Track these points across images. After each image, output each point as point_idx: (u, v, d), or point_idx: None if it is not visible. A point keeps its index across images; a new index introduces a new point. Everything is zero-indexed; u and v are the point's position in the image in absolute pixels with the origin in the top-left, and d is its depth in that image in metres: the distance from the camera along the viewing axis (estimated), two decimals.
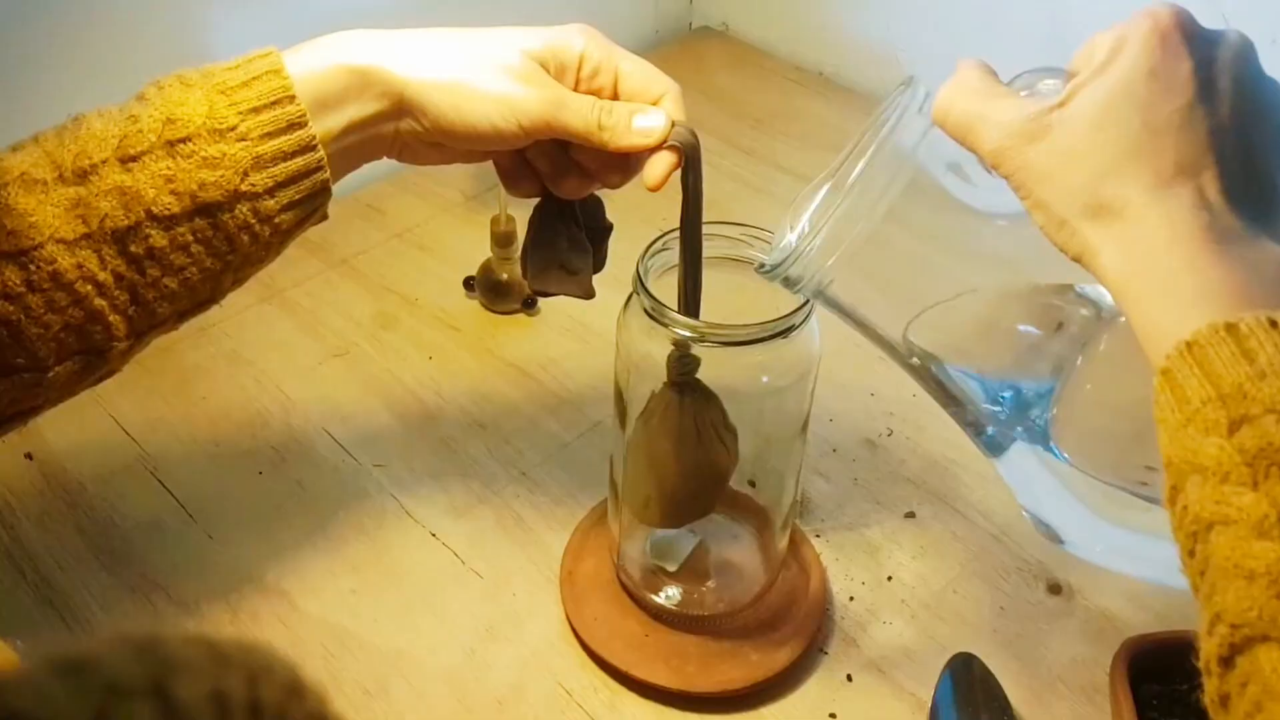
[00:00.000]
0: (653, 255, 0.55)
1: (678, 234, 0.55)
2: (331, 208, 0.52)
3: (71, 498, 0.68)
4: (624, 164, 0.54)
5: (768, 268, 0.50)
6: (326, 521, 0.68)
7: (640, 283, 0.53)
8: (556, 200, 0.56)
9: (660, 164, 0.51)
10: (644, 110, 0.52)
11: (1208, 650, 0.34)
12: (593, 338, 0.81)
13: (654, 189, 0.52)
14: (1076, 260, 0.41)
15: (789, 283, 0.49)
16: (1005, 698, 0.58)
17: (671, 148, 0.51)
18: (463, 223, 0.92)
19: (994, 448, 0.52)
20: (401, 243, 0.90)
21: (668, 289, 0.54)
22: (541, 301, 0.83)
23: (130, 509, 0.68)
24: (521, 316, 0.83)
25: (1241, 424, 0.34)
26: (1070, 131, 0.40)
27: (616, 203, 0.59)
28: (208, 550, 0.66)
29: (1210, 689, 0.34)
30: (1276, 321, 0.35)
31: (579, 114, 0.51)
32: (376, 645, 0.61)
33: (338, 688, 0.59)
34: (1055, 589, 0.66)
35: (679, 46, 1.18)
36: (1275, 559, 0.32)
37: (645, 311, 0.53)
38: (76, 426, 0.72)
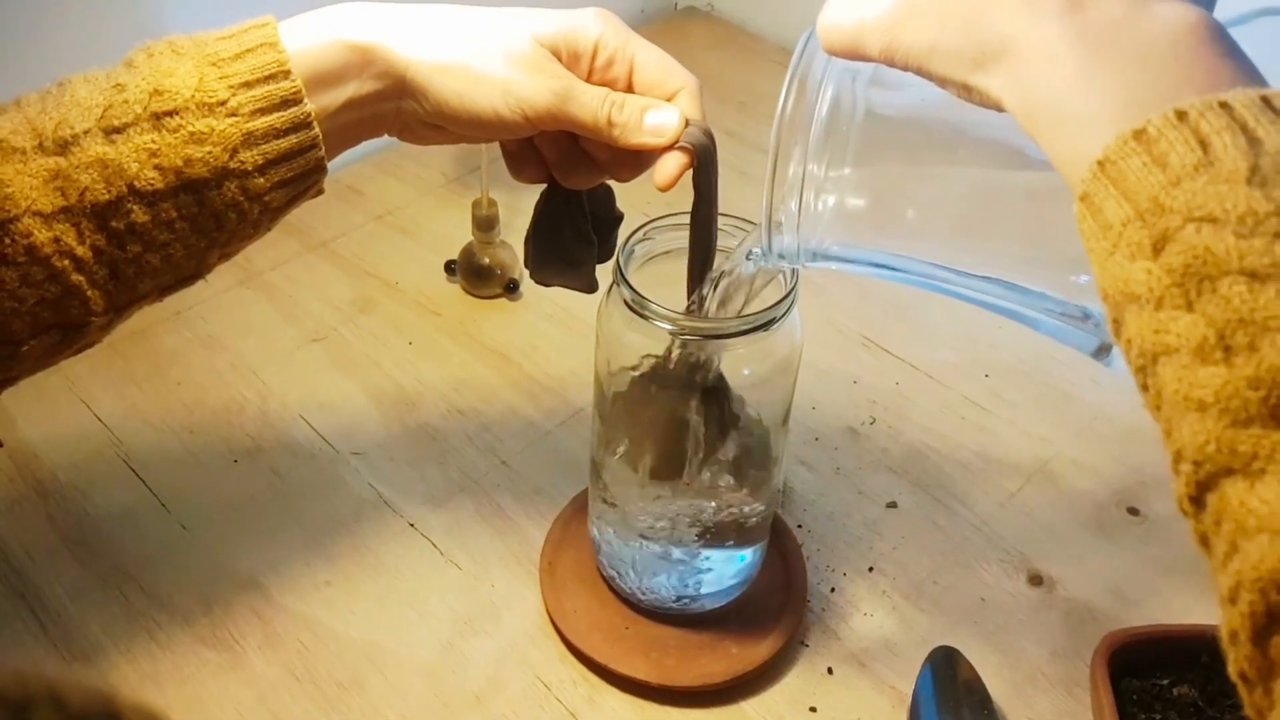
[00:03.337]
0: (635, 244, 0.54)
1: (661, 223, 0.54)
2: None
3: (43, 487, 0.67)
4: (635, 159, 0.52)
5: (757, 254, 0.49)
6: (302, 511, 0.67)
7: (620, 274, 0.52)
8: (563, 188, 0.54)
9: (671, 164, 0.50)
10: (657, 106, 0.50)
11: (1177, 492, 0.32)
12: (575, 323, 0.80)
13: (663, 189, 0.50)
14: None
15: (786, 259, 0.48)
16: (985, 691, 0.58)
17: (683, 148, 0.50)
18: (444, 205, 0.91)
19: (1100, 352, 0.50)
20: (382, 225, 0.89)
21: (650, 279, 0.53)
22: (524, 286, 0.82)
23: (102, 498, 0.67)
24: (503, 301, 0.82)
25: (1165, 241, 0.32)
26: None
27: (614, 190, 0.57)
28: (181, 541, 0.65)
29: (1192, 532, 0.32)
30: (1185, 113, 0.32)
31: (588, 108, 0.49)
32: (352, 638, 0.61)
33: (312, 681, 0.58)
34: (1036, 580, 0.65)
35: (664, 26, 1.17)
36: (1222, 384, 0.30)
37: (626, 304, 0.52)
38: (49, 412, 0.71)
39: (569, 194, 0.55)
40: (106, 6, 0.78)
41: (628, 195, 0.56)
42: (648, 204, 0.52)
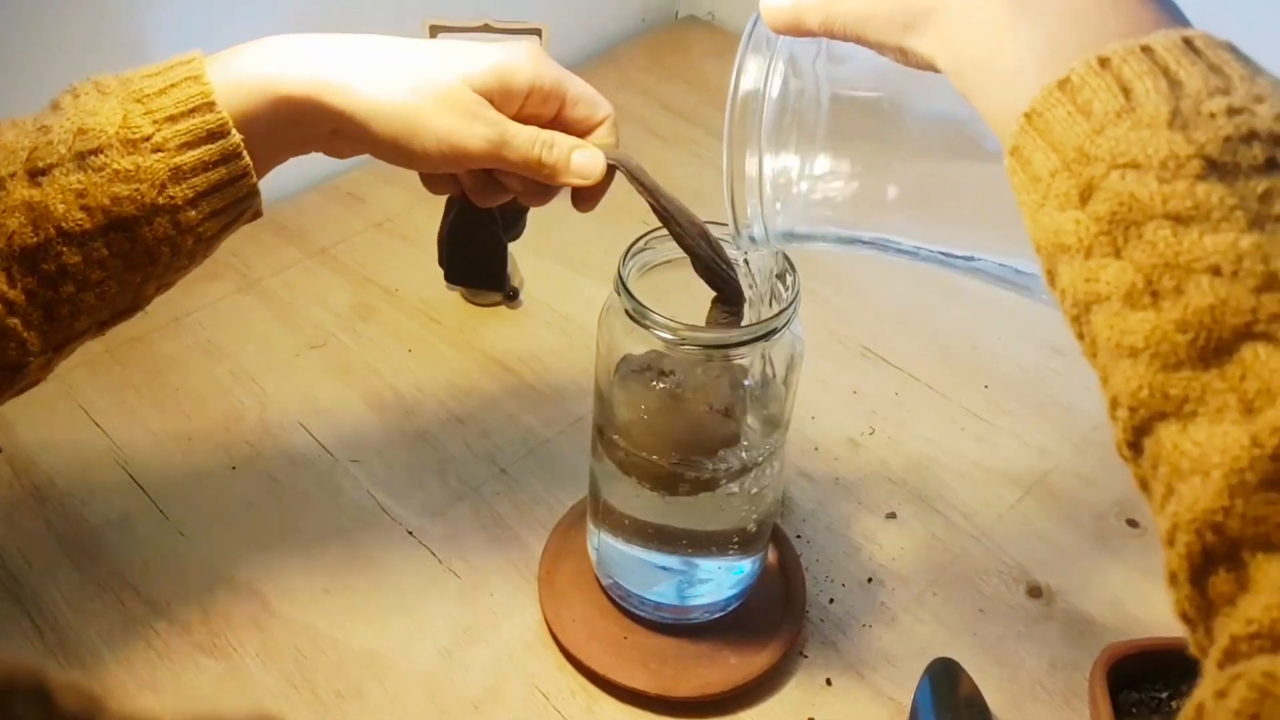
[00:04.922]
0: (634, 255, 0.54)
1: (660, 233, 0.54)
2: (311, 195, 0.50)
3: (41, 492, 0.67)
4: (546, 189, 0.54)
5: (736, 243, 0.50)
6: (301, 519, 0.67)
7: (621, 284, 0.52)
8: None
9: (587, 193, 0.53)
10: (583, 147, 0.52)
11: (1115, 438, 0.32)
12: (575, 331, 0.80)
13: (584, 211, 0.54)
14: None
15: (758, 243, 0.49)
16: (984, 703, 0.58)
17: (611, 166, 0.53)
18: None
19: None
20: (382, 232, 0.89)
21: (649, 288, 0.53)
22: (524, 294, 0.82)
23: (100, 504, 0.67)
24: (503, 309, 0.82)
25: (1091, 190, 0.32)
26: None
27: (607, 200, 0.57)
28: (179, 548, 0.65)
29: (1133, 477, 0.33)
30: (1108, 59, 0.32)
31: (519, 150, 0.51)
32: (350, 646, 0.60)
33: (311, 690, 0.58)
34: (1035, 592, 0.65)
35: (665, 35, 1.17)
36: (1152, 329, 0.30)
37: (626, 313, 0.52)
38: (47, 418, 0.71)
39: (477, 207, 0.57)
40: (96, 28, 0.77)
41: (629, 208, 0.56)
42: (647, 213, 0.52)
